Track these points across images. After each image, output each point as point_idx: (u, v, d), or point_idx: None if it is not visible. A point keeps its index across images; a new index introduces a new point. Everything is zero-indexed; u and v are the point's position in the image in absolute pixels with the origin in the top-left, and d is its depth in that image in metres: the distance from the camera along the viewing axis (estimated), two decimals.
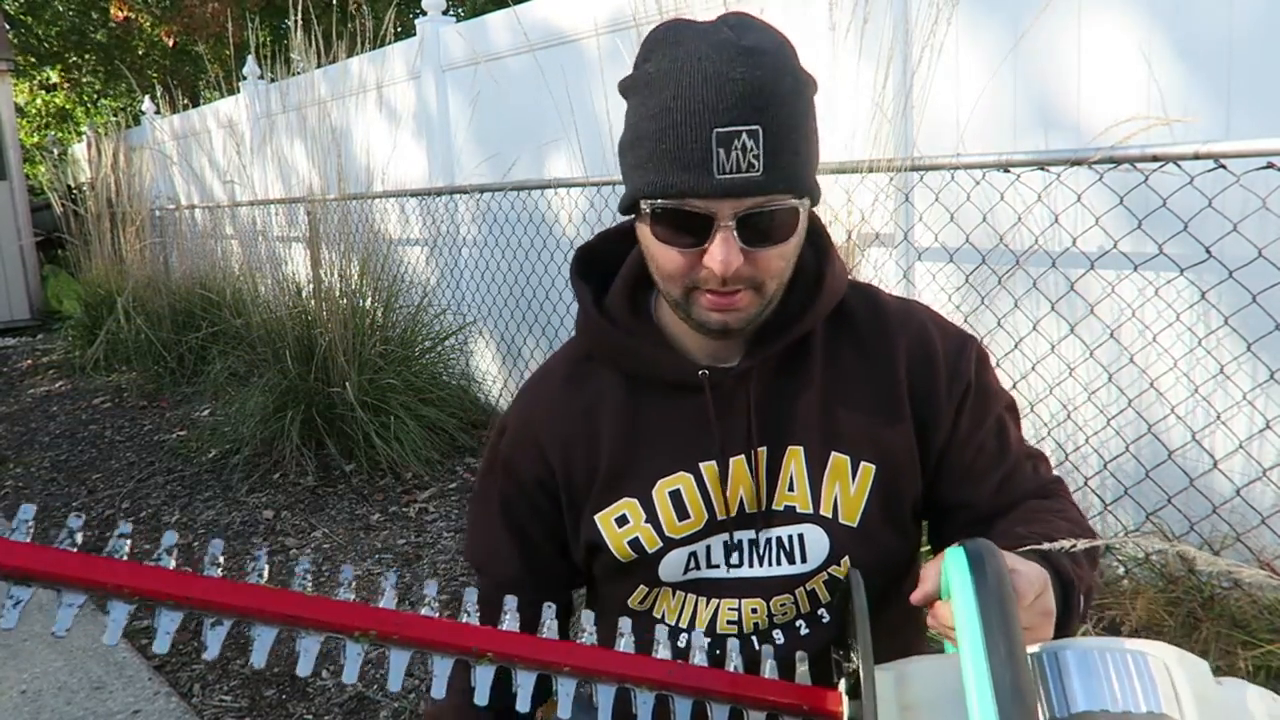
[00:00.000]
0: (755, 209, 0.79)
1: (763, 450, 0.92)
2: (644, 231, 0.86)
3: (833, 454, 0.92)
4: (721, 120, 0.77)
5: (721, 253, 0.79)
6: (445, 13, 4.58)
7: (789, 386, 0.93)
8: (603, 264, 0.99)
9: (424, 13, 4.52)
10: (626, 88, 0.86)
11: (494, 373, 4.53)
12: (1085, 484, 2.42)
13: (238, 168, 5.11)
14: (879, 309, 0.96)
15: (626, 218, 1.03)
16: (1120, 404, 2.35)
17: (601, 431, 0.95)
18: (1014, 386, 2.48)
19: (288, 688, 2.29)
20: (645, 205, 0.82)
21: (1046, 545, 0.78)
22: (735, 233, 0.79)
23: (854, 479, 0.92)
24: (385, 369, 3.85)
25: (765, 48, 0.79)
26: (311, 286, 4.01)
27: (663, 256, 0.84)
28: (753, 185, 0.78)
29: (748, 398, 0.92)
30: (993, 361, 1.03)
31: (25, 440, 4.72)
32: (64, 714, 2.16)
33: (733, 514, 0.93)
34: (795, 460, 0.92)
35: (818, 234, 0.96)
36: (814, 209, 0.92)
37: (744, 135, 0.77)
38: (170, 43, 11.95)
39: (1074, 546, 0.76)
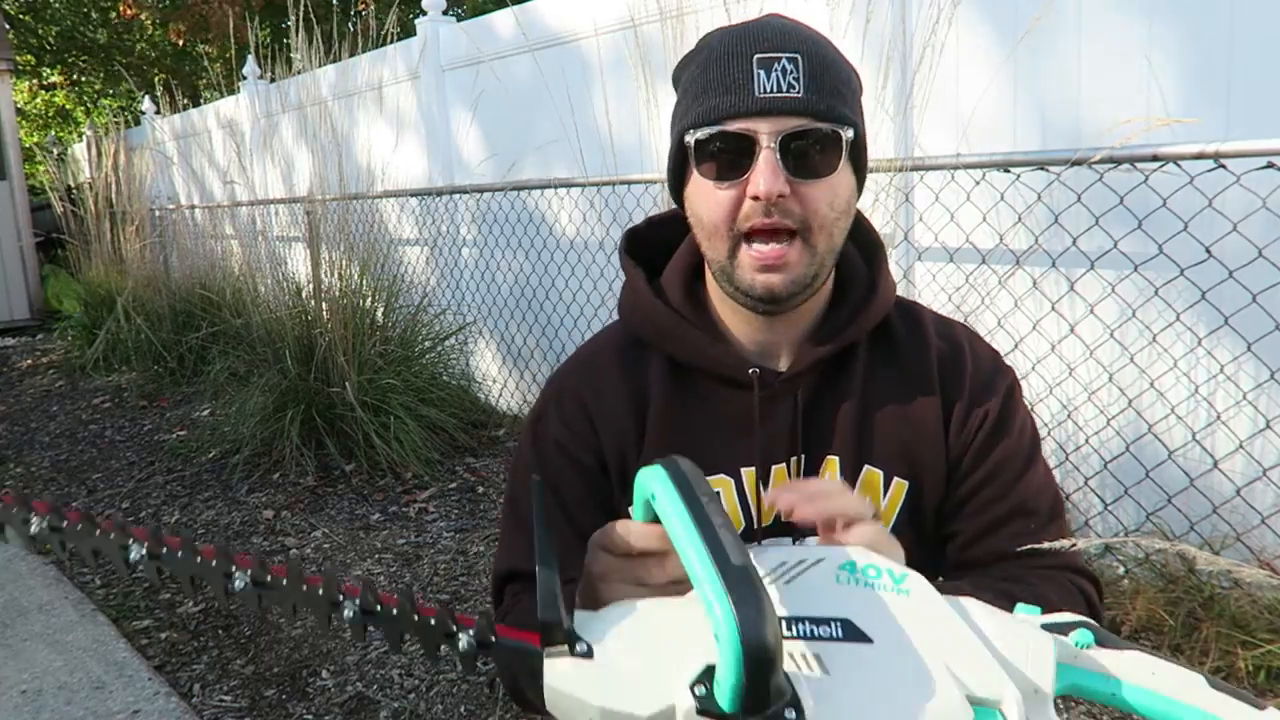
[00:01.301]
0: (797, 130, 0.79)
1: (802, 458, 0.90)
2: (691, 190, 0.86)
3: (866, 467, 0.90)
4: (762, 48, 0.80)
5: (765, 172, 0.78)
6: (445, 13, 4.58)
7: (830, 396, 0.91)
8: (649, 249, 0.97)
9: (424, 13, 4.52)
10: (679, 68, 0.88)
11: (494, 373, 4.53)
12: (1085, 484, 2.42)
13: (238, 168, 5.11)
14: (919, 325, 0.95)
15: (631, 225, 1.01)
16: (1120, 404, 2.35)
17: (648, 420, 0.92)
18: None
19: (288, 688, 2.29)
20: (690, 138, 0.83)
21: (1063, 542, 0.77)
22: (778, 157, 0.79)
23: (885, 494, 0.90)
24: (385, 369, 3.85)
25: (807, 26, 0.85)
26: (311, 286, 4.01)
27: (708, 203, 0.83)
28: (793, 104, 0.79)
29: (795, 403, 0.90)
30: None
31: (25, 440, 4.72)
32: (64, 714, 2.16)
33: (768, 523, 0.91)
34: (831, 470, 0.90)
35: (870, 242, 0.95)
36: (864, 217, 0.94)
37: (784, 60, 0.79)
38: (179, 42, 11.94)
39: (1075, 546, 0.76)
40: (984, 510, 0.90)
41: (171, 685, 2.30)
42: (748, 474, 0.90)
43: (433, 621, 0.62)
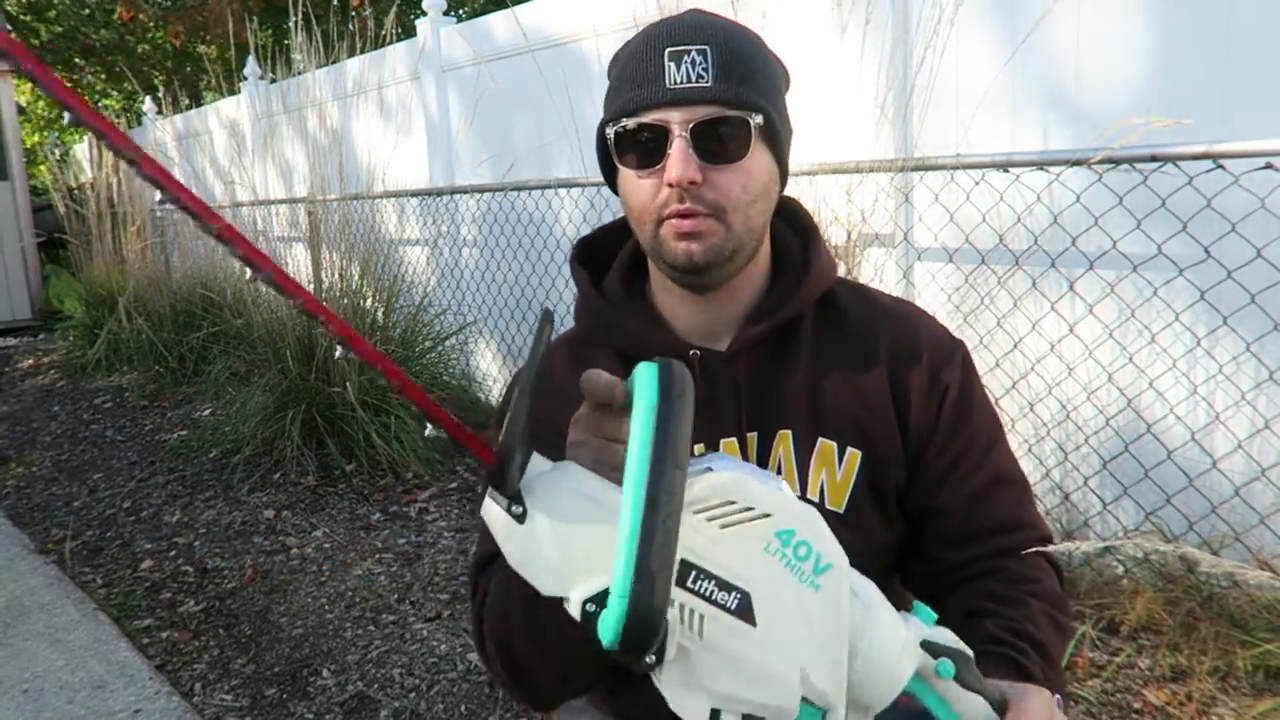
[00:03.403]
0: (707, 119, 0.83)
1: (753, 435, 0.93)
2: (620, 180, 0.91)
3: (819, 439, 0.93)
4: (674, 41, 0.84)
5: (676, 160, 0.83)
6: (446, 13, 4.59)
7: (776, 372, 0.94)
8: (601, 254, 1.02)
9: (424, 13, 4.53)
10: (610, 66, 0.92)
11: (494, 373, 4.54)
12: (1085, 484, 2.42)
13: (239, 168, 5.11)
14: (869, 302, 0.98)
15: (582, 236, 1.05)
16: (1119, 404, 2.35)
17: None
18: (1014, 387, 2.48)
19: (288, 687, 2.30)
20: (610, 132, 0.87)
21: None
22: (691, 145, 0.83)
23: (840, 465, 0.93)
24: None
25: (727, 20, 0.88)
26: (312, 287, 4.02)
27: (632, 191, 0.88)
28: (701, 93, 0.83)
29: (736, 381, 0.93)
30: (992, 362, 1.03)
31: (27, 440, 4.73)
32: (66, 713, 2.17)
33: None
34: (784, 445, 0.93)
35: (804, 226, 0.99)
36: (797, 198, 0.98)
37: (694, 51, 0.83)
38: (177, 43, 11.94)
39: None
40: (965, 481, 0.93)
41: (173, 684, 2.30)
42: (698, 450, 0.93)
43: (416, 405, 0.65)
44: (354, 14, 4.26)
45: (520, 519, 0.61)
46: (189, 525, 3.37)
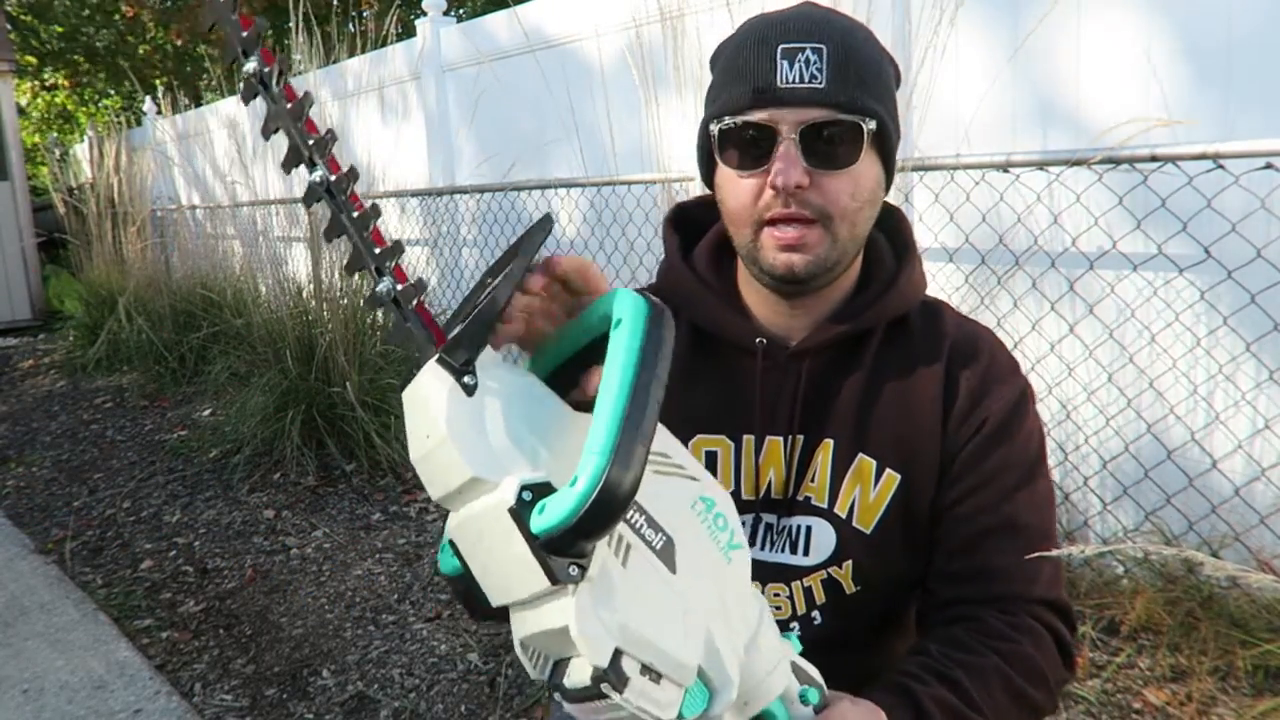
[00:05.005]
0: (818, 121, 0.79)
1: (800, 438, 0.91)
2: (719, 177, 0.87)
3: (859, 455, 0.90)
4: (788, 38, 0.80)
5: (783, 164, 0.79)
6: (446, 13, 4.59)
7: (836, 380, 0.92)
8: (694, 224, 0.99)
9: (424, 13, 4.53)
10: (716, 52, 0.89)
11: None
12: (1085, 484, 2.42)
13: (239, 168, 5.11)
14: (937, 322, 0.94)
15: (680, 201, 1.04)
16: (1120, 404, 2.35)
17: None
18: None
19: (288, 687, 2.30)
20: (714, 128, 0.84)
21: None
22: (799, 148, 0.80)
23: (875, 485, 0.90)
24: (386, 369, 3.86)
25: (842, 16, 0.85)
26: (312, 286, 4.02)
27: (732, 190, 0.85)
28: (814, 95, 0.79)
29: (798, 380, 0.91)
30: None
31: (27, 440, 4.73)
32: (65, 713, 2.17)
33: (759, 496, 0.92)
34: (824, 453, 0.91)
35: (903, 240, 0.96)
36: (897, 205, 0.95)
37: (808, 50, 0.79)
38: (178, 41, 11.94)
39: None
40: (971, 519, 0.88)
41: (173, 685, 2.30)
42: (747, 441, 0.91)
43: (376, 250, 0.64)
44: (356, 15, 4.26)
45: (470, 391, 0.59)
46: (189, 525, 3.37)
